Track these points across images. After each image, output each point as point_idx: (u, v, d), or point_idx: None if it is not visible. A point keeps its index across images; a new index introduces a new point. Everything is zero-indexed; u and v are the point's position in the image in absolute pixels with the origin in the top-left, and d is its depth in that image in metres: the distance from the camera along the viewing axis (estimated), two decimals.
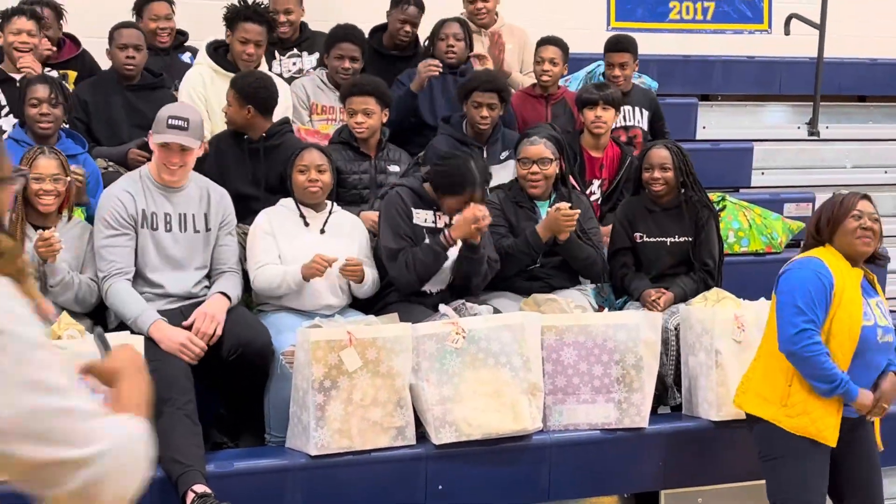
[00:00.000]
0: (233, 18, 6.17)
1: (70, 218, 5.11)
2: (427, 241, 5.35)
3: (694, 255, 5.84)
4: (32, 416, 1.72)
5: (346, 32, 6.49)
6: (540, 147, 5.70)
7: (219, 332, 4.89)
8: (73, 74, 6.53)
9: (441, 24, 6.78)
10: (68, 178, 5.04)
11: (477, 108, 6.11)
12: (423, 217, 5.43)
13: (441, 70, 6.48)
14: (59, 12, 6.62)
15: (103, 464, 1.77)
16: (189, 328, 4.86)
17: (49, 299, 4.83)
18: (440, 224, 5.44)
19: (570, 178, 5.90)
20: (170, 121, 5.03)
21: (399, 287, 5.37)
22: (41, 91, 5.46)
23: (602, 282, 5.92)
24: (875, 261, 4.79)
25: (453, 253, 5.37)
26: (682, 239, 5.86)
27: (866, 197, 4.76)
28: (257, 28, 6.18)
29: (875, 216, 4.70)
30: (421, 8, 7.06)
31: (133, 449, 1.84)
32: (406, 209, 5.41)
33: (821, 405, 4.56)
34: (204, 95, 6.08)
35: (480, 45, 7.19)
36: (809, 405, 4.57)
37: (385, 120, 5.94)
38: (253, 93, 5.68)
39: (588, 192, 6.40)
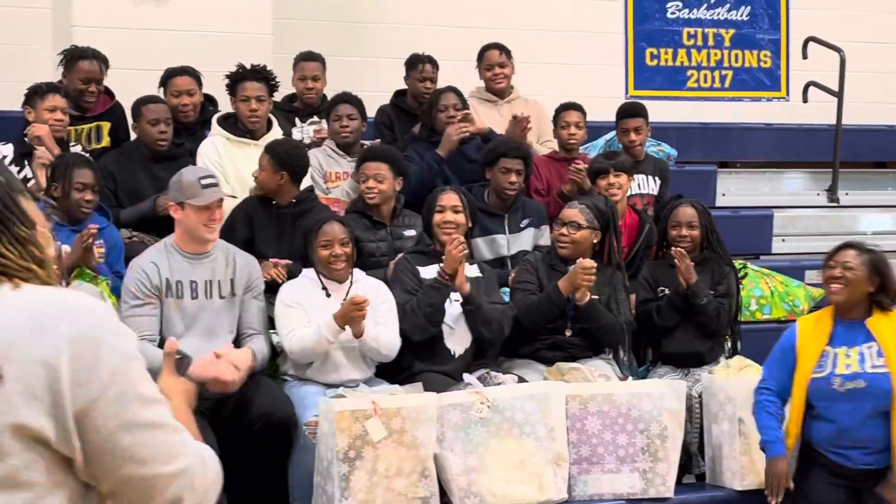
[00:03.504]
0: (234, 83, 6.30)
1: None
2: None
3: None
4: (132, 430, 1.72)
5: (341, 96, 6.66)
6: (574, 211, 5.76)
7: (237, 379, 4.88)
8: (106, 126, 6.64)
9: (438, 94, 6.87)
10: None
11: (505, 173, 6.17)
12: (430, 272, 5.49)
13: (470, 133, 6.53)
14: (106, 64, 6.70)
15: (191, 476, 1.78)
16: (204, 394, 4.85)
17: None
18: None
19: (616, 253, 5.82)
20: (202, 181, 5.12)
21: (411, 335, 5.39)
22: (87, 177, 5.54)
23: (623, 353, 5.89)
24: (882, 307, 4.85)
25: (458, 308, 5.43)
26: None
27: (850, 246, 4.87)
28: (256, 85, 6.30)
29: (850, 264, 4.79)
30: (435, 65, 7.28)
31: (209, 464, 1.87)
32: (412, 269, 5.53)
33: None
34: (219, 163, 6.16)
35: (496, 112, 7.26)
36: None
37: (399, 188, 5.99)
38: (288, 160, 5.78)
39: None
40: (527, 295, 5.66)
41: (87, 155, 6.09)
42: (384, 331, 5.32)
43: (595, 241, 5.75)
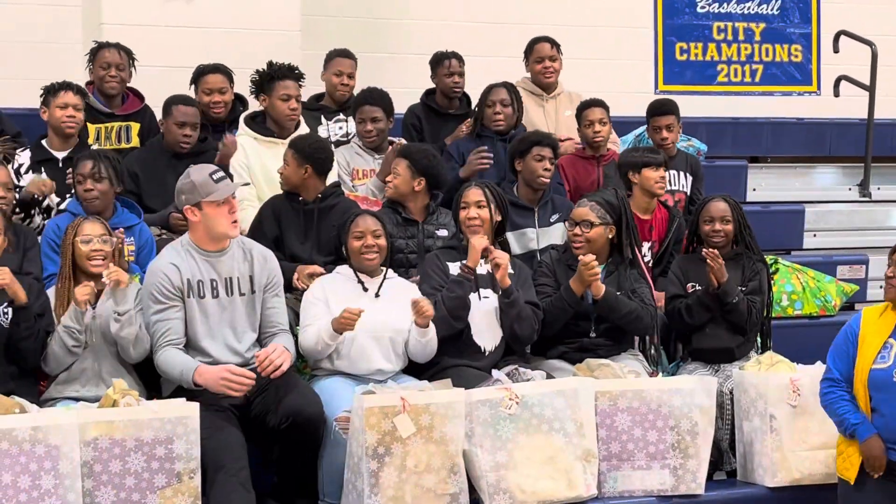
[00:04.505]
0: (270, 80, 6.25)
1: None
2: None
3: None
4: None
5: (365, 95, 6.64)
6: (585, 209, 5.72)
7: (285, 366, 4.91)
8: (136, 126, 6.67)
9: (489, 90, 6.83)
10: (114, 239, 5.12)
11: (540, 160, 6.17)
12: (458, 268, 5.49)
13: (492, 162, 6.47)
14: (131, 57, 6.74)
15: None
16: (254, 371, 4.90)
17: (115, 331, 4.93)
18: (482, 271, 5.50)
19: (627, 247, 5.78)
20: (214, 176, 5.09)
21: (435, 328, 5.37)
22: (85, 167, 5.54)
23: (652, 342, 5.86)
24: None
25: (493, 302, 5.43)
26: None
27: None
28: (294, 84, 6.30)
29: None
30: (461, 60, 7.24)
31: None
32: (442, 265, 5.53)
33: (849, 444, 4.84)
34: (246, 164, 6.16)
35: (542, 109, 7.22)
36: (845, 445, 4.87)
37: (419, 188, 5.96)
38: (312, 153, 5.79)
39: None
40: (543, 298, 5.64)
41: (96, 149, 6.07)
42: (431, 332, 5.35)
43: (611, 236, 5.72)
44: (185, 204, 5.10)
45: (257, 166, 6.18)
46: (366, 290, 5.34)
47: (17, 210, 5.78)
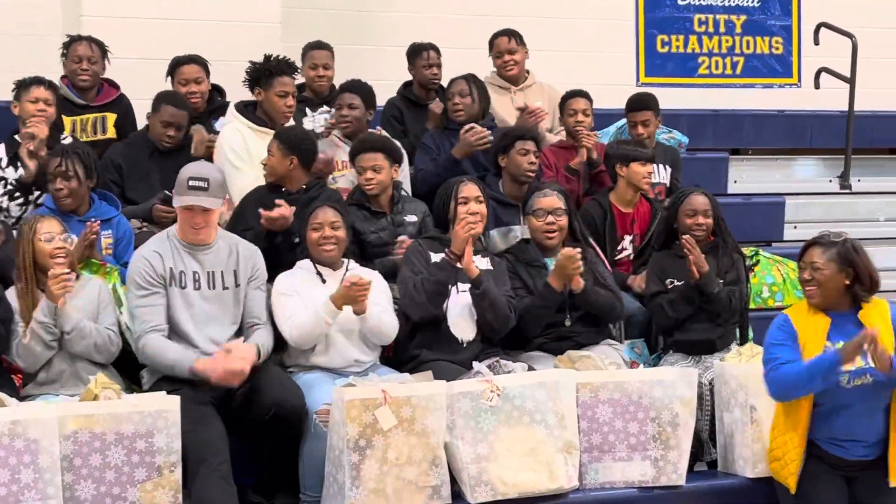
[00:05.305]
0: (269, 75, 6.21)
1: (78, 277, 5.13)
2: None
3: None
4: None
5: (346, 84, 6.64)
6: (553, 198, 5.79)
7: (246, 370, 4.90)
8: (111, 117, 6.66)
9: (450, 82, 6.84)
10: (73, 237, 5.10)
11: (524, 154, 6.17)
12: (441, 257, 5.51)
13: (492, 138, 6.43)
14: (104, 50, 6.71)
15: None
16: (228, 391, 4.89)
17: (67, 350, 4.91)
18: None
19: (578, 230, 5.93)
20: (190, 182, 5.08)
21: (412, 313, 5.41)
22: (52, 164, 5.52)
23: (619, 322, 5.96)
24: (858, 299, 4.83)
25: (469, 295, 5.44)
26: None
27: (815, 243, 4.84)
28: (291, 80, 6.29)
29: (817, 264, 4.78)
30: (438, 51, 7.28)
31: None
32: (424, 253, 5.56)
33: (789, 448, 4.82)
34: (245, 149, 6.12)
35: (509, 100, 7.23)
36: (781, 452, 4.86)
37: (396, 175, 6.00)
38: (298, 144, 5.81)
39: (620, 247, 6.42)
40: (521, 300, 5.64)
41: (72, 142, 6.05)
42: (383, 313, 5.33)
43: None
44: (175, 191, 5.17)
45: (254, 154, 6.14)
46: (324, 281, 5.32)
47: (17, 194, 5.83)
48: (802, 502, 4.85)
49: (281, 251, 5.57)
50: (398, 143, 6.28)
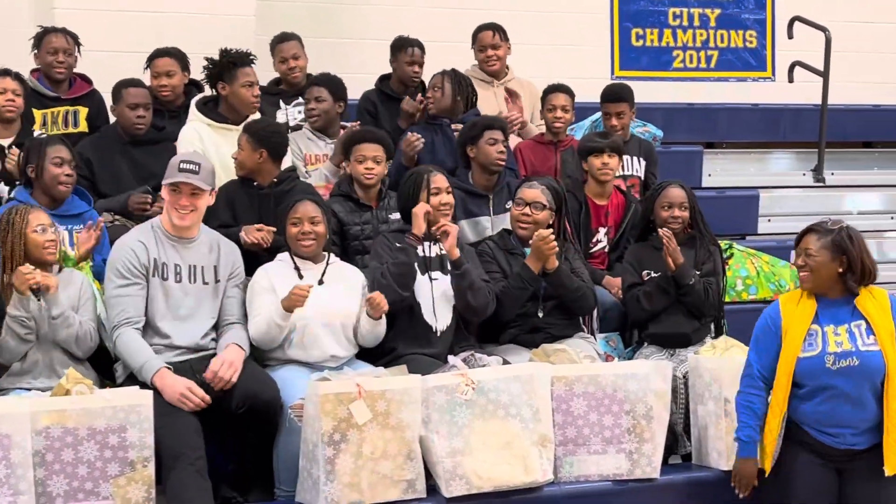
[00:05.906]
0: (232, 67, 6.18)
1: (61, 269, 5.10)
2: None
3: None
4: None
5: (315, 78, 6.70)
6: (536, 192, 5.78)
7: (234, 379, 4.89)
8: (84, 111, 6.62)
9: (432, 77, 6.84)
10: (61, 228, 5.09)
11: (493, 144, 6.17)
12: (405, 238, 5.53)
13: (424, 141, 6.45)
14: (77, 42, 6.67)
15: None
16: (204, 382, 4.86)
17: (51, 335, 4.86)
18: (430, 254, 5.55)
19: (569, 230, 5.95)
20: (182, 165, 5.11)
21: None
22: (63, 152, 5.49)
23: (593, 316, 5.98)
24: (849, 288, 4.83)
25: (443, 284, 5.45)
26: None
27: (811, 230, 4.87)
28: (253, 70, 6.26)
29: (811, 251, 4.80)
30: (423, 49, 7.23)
31: None
32: (391, 245, 5.53)
33: (767, 429, 4.84)
34: (202, 150, 6.07)
35: (492, 94, 7.22)
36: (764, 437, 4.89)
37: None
38: (267, 137, 5.78)
39: (595, 240, 6.43)
40: (497, 283, 5.65)
41: (57, 135, 6.04)
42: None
43: (551, 221, 5.79)
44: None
45: (213, 154, 6.08)
46: (301, 276, 5.29)
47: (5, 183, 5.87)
48: (779, 485, 4.84)
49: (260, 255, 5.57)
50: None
